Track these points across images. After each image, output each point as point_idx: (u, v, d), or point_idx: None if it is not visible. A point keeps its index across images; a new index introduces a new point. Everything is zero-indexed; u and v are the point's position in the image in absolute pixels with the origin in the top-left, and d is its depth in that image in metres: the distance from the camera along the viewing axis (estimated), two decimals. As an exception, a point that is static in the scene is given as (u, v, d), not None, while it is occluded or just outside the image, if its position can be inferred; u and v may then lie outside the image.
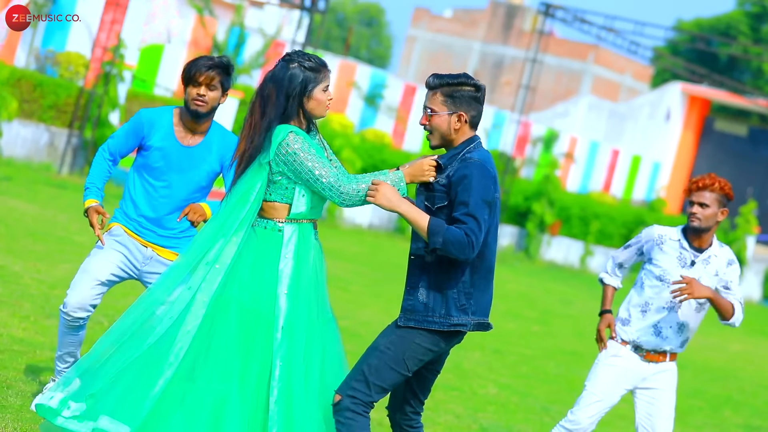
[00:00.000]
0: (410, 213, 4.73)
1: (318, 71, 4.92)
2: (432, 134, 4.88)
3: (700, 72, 33.44)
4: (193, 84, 5.67)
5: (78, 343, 5.86)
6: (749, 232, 28.82)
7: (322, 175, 4.79)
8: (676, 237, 6.08)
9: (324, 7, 18.19)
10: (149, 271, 5.79)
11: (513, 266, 24.01)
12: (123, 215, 5.81)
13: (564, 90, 49.12)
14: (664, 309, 6.04)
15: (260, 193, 4.87)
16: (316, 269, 4.93)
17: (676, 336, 6.08)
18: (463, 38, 52.23)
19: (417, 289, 4.81)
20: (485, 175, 4.76)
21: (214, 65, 5.68)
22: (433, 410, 8.34)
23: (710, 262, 6.07)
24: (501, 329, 13.91)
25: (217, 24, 24.63)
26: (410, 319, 4.79)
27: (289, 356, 4.78)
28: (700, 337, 18.68)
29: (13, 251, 10.51)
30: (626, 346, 6.10)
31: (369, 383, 4.74)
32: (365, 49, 72.29)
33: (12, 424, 5.57)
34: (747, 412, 12.17)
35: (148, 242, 5.79)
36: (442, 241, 4.65)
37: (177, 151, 5.73)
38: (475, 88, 4.85)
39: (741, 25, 51.13)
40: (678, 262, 6.03)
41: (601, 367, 6.11)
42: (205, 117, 5.74)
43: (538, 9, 25.84)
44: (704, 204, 5.98)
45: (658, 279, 6.04)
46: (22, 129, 18.16)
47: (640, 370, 6.10)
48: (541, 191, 26.55)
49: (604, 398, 6.09)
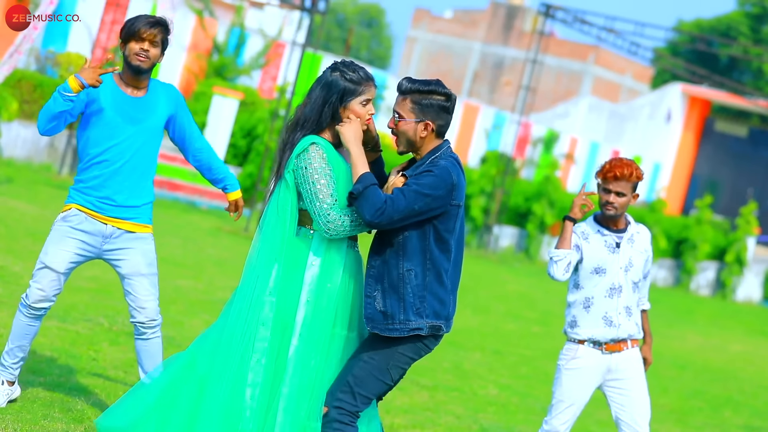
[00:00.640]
0: (357, 157, 4.73)
1: (359, 83, 4.84)
2: (398, 139, 4.84)
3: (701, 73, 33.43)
4: (136, 39, 5.67)
5: (33, 334, 5.89)
6: (749, 233, 28.81)
7: (319, 198, 4.72)
8: (594, 228, 6.11)
9: (324, 7, 18.18)
10: (110, 248, 5.80)
11: (513, 267, 24.01)
12: (78, 194, 5.79)
13: (564, 91, 49.12)
14: (606, 298, 6.04)
15: (293, 205, 4.84)
16: (346, 282, 4.85)
17: (627, 320, 6.07)
18: (464, 39, 52.23)
19: (373, 297, 4.79)
20: (443, 177, 4.72)
21: (156, 22, 5.72)
22: (433, 411, 8.34)
23: (635, 240, 6.12)
24: (501, 330, 13.92)
25: (217, 25, 24.63)
26: (374, 327, 4.79)
27: (301, 366, 4.76)
28: (700, 338, 18.68)
29: (14, 252, 10.51)
30: (583, 345, 6.06)
31: (354, 393, 4.75)
32: (365, 49, 72.29)
33: (12, 424, 5.57)
34: (747, 412, 12.16)
35: (107, 217, 5.78)
36: (361, 190, 4.64)
37: (127, 101, 5.74)
38: (445, 97, 4.79)
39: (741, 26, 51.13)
40: (606, 249, 6.05)
41: (564, 373, 6.07)
42: (146, 73, 5.75)
43: (539, 10, 25.83)
44: (621, 193, 6.02)
45: (595, 272, 6.04)
46: (22, 130, 18.16)
47: (603, 363, 6.06)
48: (541, 192, 26.54)
49: (574, 402, 6.08)
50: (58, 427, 5.70)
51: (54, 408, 5.99)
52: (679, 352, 16.12)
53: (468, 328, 13.22)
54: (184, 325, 9.29)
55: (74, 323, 8.19)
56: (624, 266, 6.06)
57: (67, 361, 7.08)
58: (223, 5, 28.67)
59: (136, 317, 5.85)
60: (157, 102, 5.83)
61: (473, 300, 16.08)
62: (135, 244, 5.83)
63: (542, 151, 30.00)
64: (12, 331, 5.88)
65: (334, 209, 4.72)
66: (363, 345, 4.84)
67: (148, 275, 5.85)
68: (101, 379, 6.86)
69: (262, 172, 18.44)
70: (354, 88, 4.83)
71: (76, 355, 7.23)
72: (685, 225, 28.83)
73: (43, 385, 6.35)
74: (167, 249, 13.45)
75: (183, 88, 23.65)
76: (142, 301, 5.83)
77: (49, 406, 6.00)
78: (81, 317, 8.48)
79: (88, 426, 5.81)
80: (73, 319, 8.34)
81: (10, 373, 5.88)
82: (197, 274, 12.31)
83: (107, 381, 6.84)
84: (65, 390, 6.38)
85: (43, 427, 5.65)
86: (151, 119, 5.80)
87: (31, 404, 5.96)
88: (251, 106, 22.33)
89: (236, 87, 22.98)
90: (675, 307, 23.35)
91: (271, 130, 18.68)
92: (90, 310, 8.81)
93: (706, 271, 28.80)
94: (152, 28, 5.69)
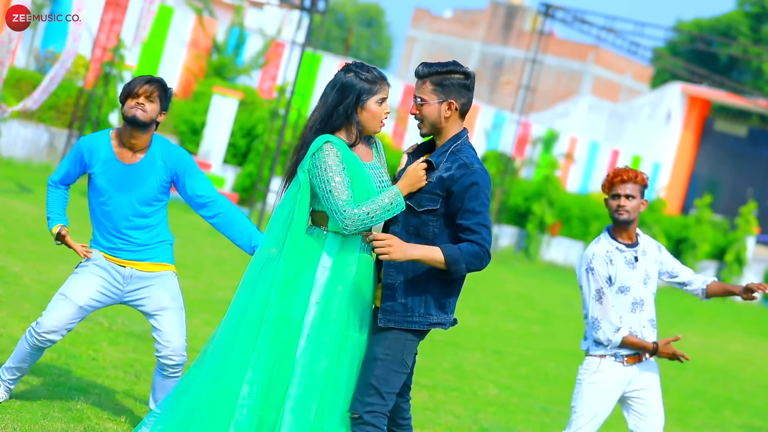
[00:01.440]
0: (424, 255, 4.69)
1: (374, 83, 4.87)
2: (422, 123, 4.86)
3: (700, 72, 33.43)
4: (132, 97, 5.67)
5: (34, 361, 5.86)
6: (749, 233, 28.81)
7: (334, 195, 4.73)
8: (612, 246, 6.05)
9: (324, 7, 18.17)
10: (131, 289, 5.79)
11: (513, 267, 24.00)
12: (95, 241, 5.83)
13: (564, 90, 49.12)
14: (629, 313, 6.03)
15: (303, 204, 4.84)
16: (358, 284, 4.84)
17: (651, 331, 6.08)
18: (463, 39, 52.23)
19: (394, 289, 4.79)
20: (488, 184, 4.78)
21: (152, 80, 5.72)
22: (433, 411, 8.34)
23: (647, 252, 6.11)
24: (501, 330, 13.92)
25: (216, 24, 24.61)
26: (390, 320, 4.78)
27: (310, 366, 4.75)
28: (700, 338, 18.68)
29: (13, 252, 10.51)
30: (605, 358, 6.02)
31: (382, 393, 4.74)
32: (365, 49, 72.26)
33: (12, 424, 5.56)
34: (747, 412, 12.15)
35: (124, 260, 5.78)
36: (465, 268, 4.68)
37: (118, 170, 5.72)
38: (464, 75, 4.83)
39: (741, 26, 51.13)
40: (627, 265, 6.04)
41: (586, 387, 6.03)
42: (145, 129, 5.69)
43: (538, 9, 25.83)
44: (630, 196, 6.01)
45: (620, 291, 6.03)
46: (21, 129, 18.16)
47: (625, 375, 6.04)
48: (541, 192, 26.54)
49: (597, 416, 6.05)
50: (57, 426, 5.69)
51: (53, 407, 5.99)
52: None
53: (468, 328, 13.22)
54: (184, 325, 9.28)
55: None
56: (642, 279, 6.05)
57: (67, 360, 7.07)
58: (223, 5, 28.66)
59: (162, 352, 5.77)
60: (151, 168, 5.76)
61: (473, 300, 16.07)
62: (155, 281, 5.81)
63: (542, 150, 29.99)
64: (14, 352, 5.86)
65: (350, 205, 4.72)
66: (372, 345, 4.82)
67: (173, 309, 5.80)
68: (101, 378, 6.85)
69: (261, 172, 18.43)
70: (369, 87, 4.86)
71: (75, 355, 7.23)
72: (684, 224, 28.83)
73: (42, 385, 6.35)
74: (167, 249, 13.45)
75: (182, 88, 23.64)
76: (168, 334, 5.76)
77: (49, 406, 6.00)
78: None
79: (88, 425, 5.81)
80: (72, 318, 8.32)
81: (6, 387, 5.89)
82: (197, 273, 12.31)
83: (107, 381, 6.84)
84: (65, 390, 6.38)
85: (42, 426, 5.64)
86: (141, 188, 5.75)
87: (30, 404, 5.95)
88: (251, 106, 22.33)
89: (236, 87, 22.97)
90: (675, 306, 23.35)
91: (271, 130, 18.67)
92: (90, 310, 8.80)
93: (706, 271, 28.80)
94: (147, 84, 5.68)
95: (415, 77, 4.86)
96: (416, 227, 4.79)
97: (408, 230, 4.80)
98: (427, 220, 4.78)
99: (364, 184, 4.80)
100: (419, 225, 4.79)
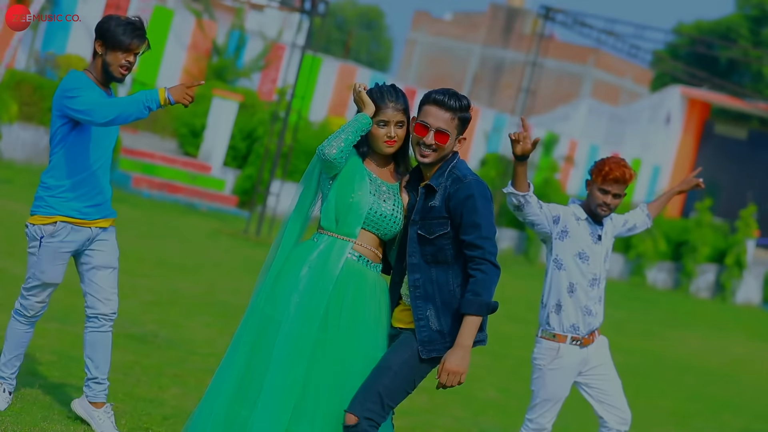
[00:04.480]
0: (470, 334, 4.67)
1: (378, 105, 4.82)
2: (434, 153, 4.77)
3: (700, 75, 33.47)
4: (123, 50, 5.57)
5: (28, 341, 5.88)
6: (749, 236, 28.79)
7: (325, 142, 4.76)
8: (584, 216, 6.12)
9: (324, 10, 18.18)
10: (90, 248, 5.77)
11: (513, 269, 24.01)
12: (60, 202, 5.68)
13: (564, 93, 49.15)
14: (588, 286, 6.07)
15: (303, 204, 4.92)
16: (341, 290, 4.77)
17: (600, 308, 6.15)
18: (464, 41, 52.26)
19: (426, 318, 4.76)
20: (486, 194, 4.79)
21: (143, 33, 5.62)
22: (432, 413, 8.33)
23: (607, 232, 6.18)
24: (501, 332, 13.90)
25: (217, 27, 24.63)
26: (432, 350, 4.76)
27: (284, 364, 4.71)
28: (699, 341, 18.68)
29: (13, 254, 10.51)
30: (564, 342, 6.07)
31: (384, 405, 4.71)
32: (365, 52, 72.30)
33: (11, 426, 5.57)
34: (747, 415, 12.16)
35: (91, 221, 5.73)
36: (491, 298, 4.67)
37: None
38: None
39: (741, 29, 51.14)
40: (591, 238, 6.09)
41: (547, 373, 6.11)
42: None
43: (539, 12, 25.84)
44: (618, 195, 6.06)
45: (579, 257, 6.05)
46: (22, 132, 18.16)
47: (581, 357, 6.11)
48: (541, 194, 26.52)
49: (559, 398, 6.15)
50: (57, 429, 5.70)
51: (53, 410, 5.99)
52: (678, 354, 16.13)
53: (467, 330, 13.20)
54: (183, 328, 9.29)
55: (74, 325, 8.18)
56: (603, 257, 6.15)
57: (67, 363, 7.08)
58: (223, 7, 28.69)
59: (100, 309, 5.77)
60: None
61: (473, 302, 16.06)
62: (108, 236, 5.81)
63: (542, 153, 30.00)
64: (7, 342, 5.85)
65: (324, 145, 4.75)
66: (392, 354, 4.78)
67: (116, 269, 5.85)
68: (100, 381, 6.85)
69: (261, 175, 18.43)
70: (375, 108, 4.82)
71: (75, 358, 7.22)
72: (684, 227, 28.82)
73: (42, 387, 6.35)
74: (166, 251, 13.46)
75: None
76: (109, 293, 5.79)
77: (49, 408, 6.01)
78: (80, 319, 8.46)
79: (87, 428, 5.81)
80: (72, 321, 8.34)
81: (9, 383, 5.88)
82: (196, 276, 12.31)
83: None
84: (64, 392, 6.38)
85: (42, 429, 5.65)
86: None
87: (30, 406, 5.96)
88: (251, 109, 22.33)
89: (236, 89, 22.98)
90: (675, 309, 23.35)
91: (271, 133, 18.67)
92: (89, 312, 8.80)
93: (706, 274, 28.79)
94: (140, 40, 5.60)
95: (440, 107, 4.77)
96: (433, 255, 4.76)
97: (426, 259, 4.78)
98: (442, 245, 4.75)
99: (351, 177, 4.80)
100: (435, 252, 4.76)
